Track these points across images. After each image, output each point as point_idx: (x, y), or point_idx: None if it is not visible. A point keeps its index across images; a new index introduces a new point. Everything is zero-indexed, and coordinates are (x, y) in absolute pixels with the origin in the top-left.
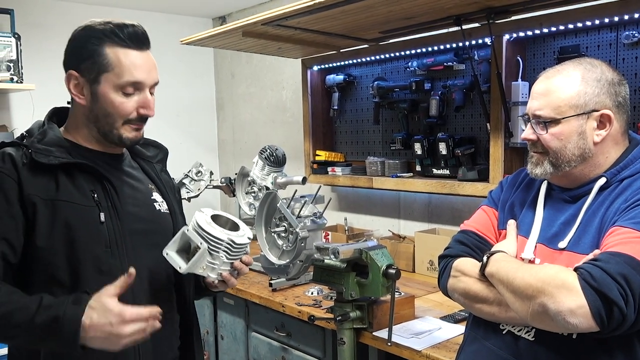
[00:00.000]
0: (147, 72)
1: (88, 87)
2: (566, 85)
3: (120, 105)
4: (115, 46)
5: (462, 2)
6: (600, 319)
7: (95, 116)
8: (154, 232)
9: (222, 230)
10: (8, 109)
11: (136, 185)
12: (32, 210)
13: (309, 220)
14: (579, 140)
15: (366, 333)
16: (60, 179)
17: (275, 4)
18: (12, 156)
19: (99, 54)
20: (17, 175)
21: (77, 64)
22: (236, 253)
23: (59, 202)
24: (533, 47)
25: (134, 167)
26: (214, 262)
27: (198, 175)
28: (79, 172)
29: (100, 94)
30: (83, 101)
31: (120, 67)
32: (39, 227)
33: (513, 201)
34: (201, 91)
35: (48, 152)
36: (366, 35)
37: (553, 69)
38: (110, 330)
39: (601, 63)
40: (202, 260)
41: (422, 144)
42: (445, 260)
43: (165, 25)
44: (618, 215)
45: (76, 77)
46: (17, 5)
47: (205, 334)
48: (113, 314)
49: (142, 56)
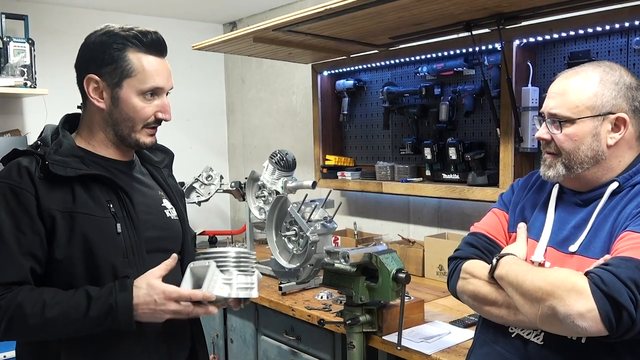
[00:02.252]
0: (166, 79)
1: (109, 91)
2: (584, 86)
3: (142, 110)
4: (139, 52)
5: (472, 8)
6: (610, 323)
7: (114, 120)
8: (166, 238)
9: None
10: (21, 114)
11: (147, 193)
12: (50, 223)
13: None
14: (593, 142)
15: (376, 337)
16: (76, 191)
17: (285, 9)
18: (28, 170)
19: (122, 59)
20: (34, 189)
21: (98, 68)
22: (246, 263)
23: (76, 214)
24: (543, 53)
25: (144, 174)
26: (229, 279)
27: (208, 180)
28: (94, 183)
29: (122, 99)
30: (102, 105)
31: (144, 73)
32: (57, 240)
33: (524, 204)
34: (212, 96)
35: (65, 164)
36: (376, 41)
37: (572, 70)
38: (155, 308)
39: (620, 67)
40: (215, 279)
41: (431, 149)
42: (455, 262)
43: (176, 31)
44: (629, 220)
45: (97, 81)
46: (32, 11)
47: (215, 337)
48: (157, 292)
49: (162, 63)
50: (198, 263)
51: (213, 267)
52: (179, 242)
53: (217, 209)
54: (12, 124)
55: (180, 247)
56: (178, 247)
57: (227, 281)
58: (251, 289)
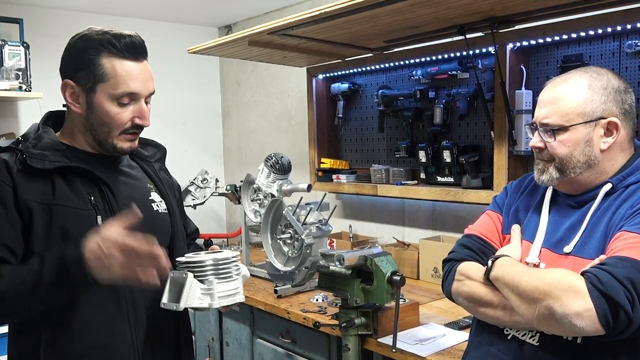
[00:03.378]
0: (142, 83)
1: (84, 96)
2: (573, 93)
3: (116, 116)
4: (112, 57)
5: (466, 12)
6: (607, 322)
7: (91, 125)
8: (152, 232)
9: (202, 254)
10: (16, 117)
11: (134, 185)
12: (28, 215)
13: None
14: (586, 148)
15: (371, 339)
16: (56, 183)
17: (280, 13)
18: (6, 162)
19: (95, 64)
20: (12, 181)
21: (74, 73)
22: (226, 270)
23: (55, 206)
24: (536, 56)
25: (133, 167)
26: (209, 288)
27: (204, 183)
28: (75, 176)
29: (96, 104)
30: (79, 109)
31: (116, 77)
32: (35, 232)
33: (518, 206)
34: (207, 99)
35: (43, 157)
36: (371, 44)
37: (560, 78)
38: (103, 259)
39: (607, 71)
40: (194, 290)
41: (426, 152)
42: (450, 264)
43: (171, 35)
44: (624, 220)
45: (72, 86)
46: (27, 15)
47: (211, 341)
48: (101, 238)
49: (139, 67)
50: (177, 273)
51: (190, 278)
52: (167, 236)
53: (213, 212)
54: (7, 127)
55: (168, 241)
56: (166, 241)
57: (207, 291)
58: (235, 294)
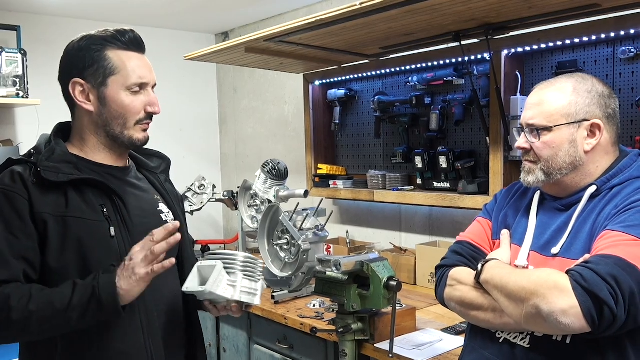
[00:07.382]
0: (149, 72)
1: (95, 92)
2: (558, 96)
3: (131, 104)
4: (118, 50)
5: (461, 18)
6: (592, 319)
7: (104, 120)
8: None
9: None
10: (13, 124)
11: (143, 197)
12: (43, 228)
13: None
14: (570, 149)
15: (368, 345)
16: (69, 195)
17: (277, 20)
18: (21, 175)
19: (103, 59)
20: (27, 193)
21: (81, 71)
22: (252, 269)
23: (69, 218)
24: (531, 62)
25: (140, 179)
26: (234, 281)
27: (201, 189)
28: (87, 188)
29: (109, 97)
30: (90, 107)
31: (126, 69)
32: (50, 244)
33: (506, 211)
34: (204, 106)
35: (57, 170)
36: (367, 51)
37: (546, 82)
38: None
39: (592, 77)
40: (221, 279)
41: (422, 158)
42: (442, 270)
43: (168, 41)
44: (608, 220)
45: (82, 84)
46: (24, 22)
47: (208, 347)
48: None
49: (142, 58)
50: (206, 262)
51: (220, 267)
52: (177, 246)
53: (210, 218)
54: (4, 134)
55: (177, 252)
56: (175, 252)
57: (231, 283)
58: (254, 294)
